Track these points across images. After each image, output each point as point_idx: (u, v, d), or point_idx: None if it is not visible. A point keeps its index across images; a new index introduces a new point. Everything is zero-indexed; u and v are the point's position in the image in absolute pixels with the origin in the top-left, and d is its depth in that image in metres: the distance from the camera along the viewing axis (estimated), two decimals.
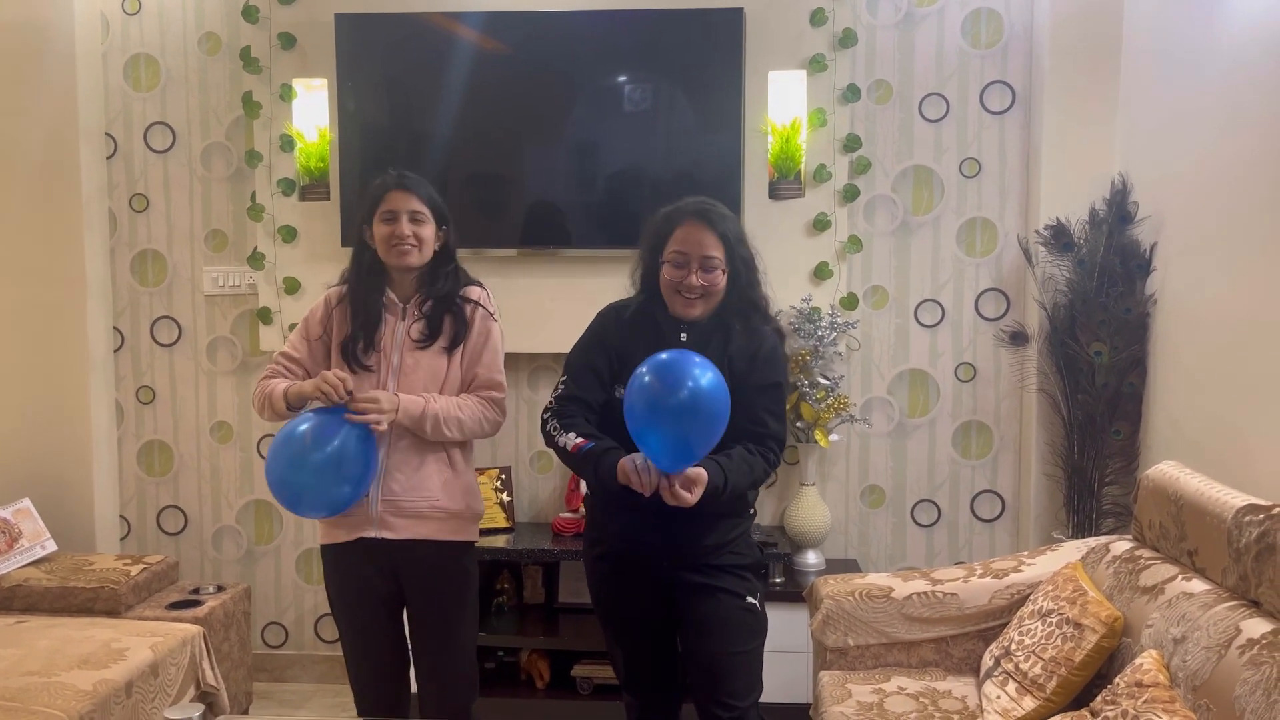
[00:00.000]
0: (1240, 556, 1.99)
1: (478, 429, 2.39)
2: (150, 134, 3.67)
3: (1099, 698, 2.04)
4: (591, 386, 2.31)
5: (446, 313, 2.38)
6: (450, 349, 2.38)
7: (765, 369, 2.29)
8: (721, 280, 2.26)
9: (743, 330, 2.30)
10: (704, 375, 2.07)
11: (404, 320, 2.39)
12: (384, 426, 2.26)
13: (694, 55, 3.35)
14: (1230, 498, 2.09)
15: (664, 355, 2.12)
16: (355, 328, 2.38)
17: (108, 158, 3.67)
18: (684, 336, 2.29)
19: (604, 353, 2.33)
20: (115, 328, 3.72)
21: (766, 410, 2.28)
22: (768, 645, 2.41)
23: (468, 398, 2.39)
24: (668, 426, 2.05)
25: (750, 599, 2.34)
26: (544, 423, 2.32)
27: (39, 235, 3.53)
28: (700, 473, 2.12)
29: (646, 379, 2.08)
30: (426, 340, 2.37)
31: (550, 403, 2.34)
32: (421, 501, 2.37)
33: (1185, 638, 2.00)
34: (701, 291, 2.25)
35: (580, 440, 2.23)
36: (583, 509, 3.28)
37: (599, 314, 2.41)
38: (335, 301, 2.44)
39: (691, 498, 2.10)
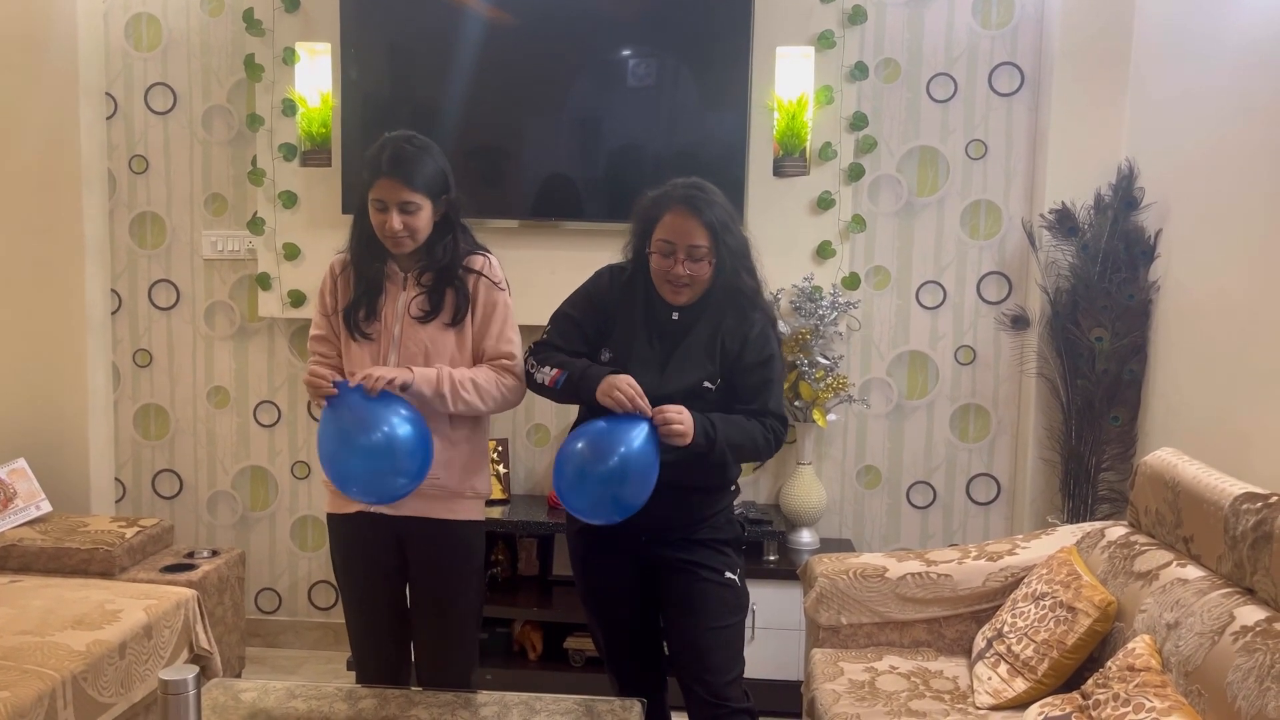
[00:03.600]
0: (1236, 544, 2.00)
1: (498, 394, 2.31)
2: (151, 95, 3.63)
3: (1090, 681, 2.05)
4: (571, 337, 2.33)
5: (448, 286, 2.32)
6: (453, 324, 2.32)
7: (756, 348, 2.29)
8: (707, 270, 2.25)
9: (733, 313, 2.31)
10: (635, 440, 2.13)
11: (405, 291, 2.34)
12: (379, 384, 2.18)
13: (701, 30, 3.31)
14: (1228, 485, 2.09)
15: (601, 422, 2.17)
16: (358, 294, 2.34)
17: (108, 118, 3.64)
18: (676, 315, 2.30)
19: (593, 310, 2.34)
20: (113, 290, 3.70)
21: (760, 388, 2.29)
22: (760, 623, 2.42)
23: (480, 366, 2.33)
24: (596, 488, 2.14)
25: (730, 574, 2.34)
26: (526, 369, 2.33)
27: (38, 195, 3.50)
28: (682, 409, 2.16)
29: (579, 445, 2.15)
30: (428, 316, 2.31)
31: (529, 348, 2.35)
32: None
33: (1178, 623, 2.00)
34: (688, 280, 2.25)
35: (555, 372, 2.25)
36: None
37: (596, 273, 2.41)
38: (339, 269, 2.40)
39: (681, 421, 2.13)
